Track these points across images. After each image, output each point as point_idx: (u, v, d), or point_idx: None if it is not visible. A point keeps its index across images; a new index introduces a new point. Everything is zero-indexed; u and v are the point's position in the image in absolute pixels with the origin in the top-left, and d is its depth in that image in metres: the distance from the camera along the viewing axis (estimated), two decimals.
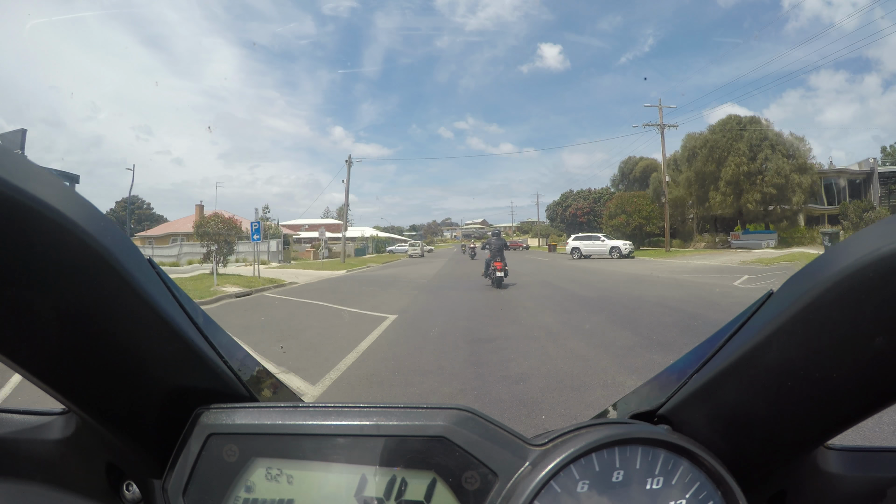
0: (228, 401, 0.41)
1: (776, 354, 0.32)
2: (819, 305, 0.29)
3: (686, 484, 0.37)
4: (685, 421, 0.40)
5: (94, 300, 0.31)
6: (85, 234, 0.29)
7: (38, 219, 0.27)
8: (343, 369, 4.38)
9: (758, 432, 0.36)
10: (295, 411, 0.39)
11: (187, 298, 0.41)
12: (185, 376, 0.39)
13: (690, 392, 0.39)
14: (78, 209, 0.29)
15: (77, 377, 0.35)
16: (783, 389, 0.33)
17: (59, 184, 0.30)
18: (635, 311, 7.18)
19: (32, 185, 0.27)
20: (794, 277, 0.32)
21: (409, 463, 0.37)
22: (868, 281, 0.26)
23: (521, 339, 5.47)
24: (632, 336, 5.40)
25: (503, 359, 4.61)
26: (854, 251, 0.27)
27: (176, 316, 0.37)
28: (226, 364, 0.42)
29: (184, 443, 0.39)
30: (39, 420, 0.45)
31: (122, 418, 0.38)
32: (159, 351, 0.37)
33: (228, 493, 0.38)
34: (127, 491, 0.43)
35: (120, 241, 0.32)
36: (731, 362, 0.35)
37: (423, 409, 0.38)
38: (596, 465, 0.36)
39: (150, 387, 0.38)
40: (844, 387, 0.31)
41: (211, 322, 0.44)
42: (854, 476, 0.41)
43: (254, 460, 0.38)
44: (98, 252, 0.30)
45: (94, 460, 0.43)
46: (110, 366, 0.35)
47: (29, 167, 0.28)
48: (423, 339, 5.71)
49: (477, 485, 0.36)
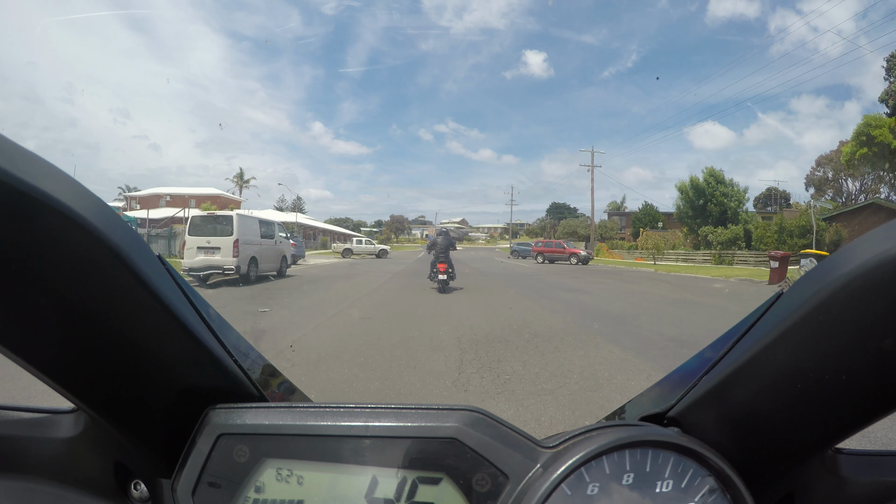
0: (239, 400, 0.41)
1: (785, 356, 0.32)
2: (828, 307, 0.29)
3: (695, 487, 0.37)
4: (694, 423, 0.40)
5: (103, 297, 0.31)
6: (95, 229, 0.29)
7: (48, 214, 0.27)
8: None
9: (767, 435, 0.36)
10: (306, 412, 0.39)
11: (198, 296, 0.41)
12: (195, 375, 0.39)
13: (700, 394, 0.39)
14: (87, 204, 0.29)
15: (86, 375, 0.35)
16: (793, 392, 0.33)
17: (68, 179, 0.29)
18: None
19: (42, 181, 0.27)
20: (804, 279, 0.32)
21: (420, 464, 0.37)
22: (877, 282, 0.26)
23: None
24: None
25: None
26: (863, 253, 0.27)
27: (186, 314, 0.37)
28: (236, 363, 0.42)
29: (193, 442, 0.39)
30: (48, 418, 0.45)
31: (131, 417, 0.38)
32: (169, 349, 0.37)
33: (238, 494, 0.38)
34: (135, 490, 0.43)
35: (129, 237, 0.32)
36: (741, 364, 0.35)
37: (434, 411, 0.38)
38: (606, 467, 0.36)
39: (160, 385, 0.38)
40: (854, 389, 0.30)
41: (222, 321, 0.44)
42: (862, 480, 0.41)
43: (264, 461, 0.38)
44: (108, 247, 0.30)
45: (102, 459, 0.43)
46: (119, 364, 0.35)
47: (38, 162, 0.28)
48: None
49: (488, 487, 0.36)
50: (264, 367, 0.51)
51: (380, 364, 4.08)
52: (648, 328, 6.07)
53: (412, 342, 5.02)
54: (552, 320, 6.64)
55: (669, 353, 4.64)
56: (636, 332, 5.72)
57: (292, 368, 3.91)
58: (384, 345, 4.83)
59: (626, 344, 5.03)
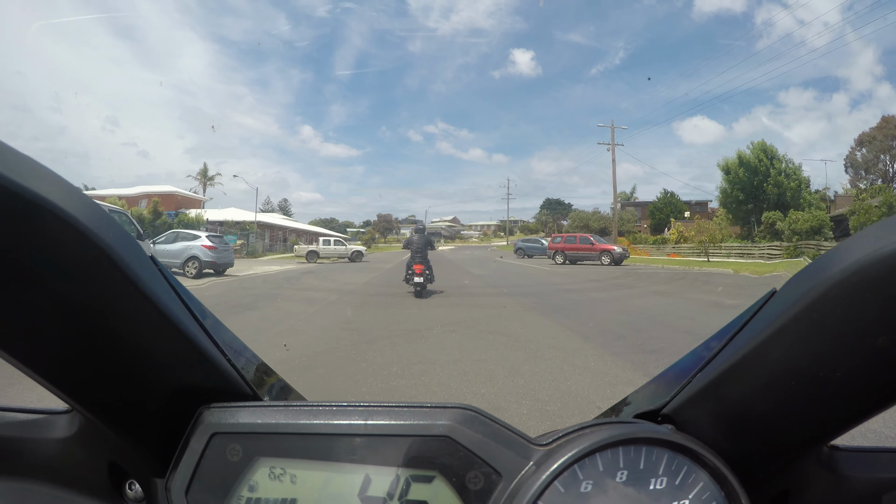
0: (232, 400, 0.41)
1: (779, 353, 0.32)
2: (822, 304, 0.29)
3: (689, 484, 0.37)
4: (688, 420, 0.40)
5: (96, 297, 0.31)
6: (87, 230, 0.29)
7: (41, 216, 0.27)
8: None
9: (761, 432, 0.36)
10: (299, 410, 0.39)
11: (191, 296, 0.41)
12: (189, 375, 0.39)
13: (694, 391, 0.39)
14: (80, 206, 0.29)
15: (79, 375, 0.35)
16: (787, 388, 0.33)
17: (61, 181, 0.29)
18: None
19: (36, 183, 0.27)
20: (798, 276, 0.32)
21: (413, 463, 0.37)
22: (871, 280, 0.26)
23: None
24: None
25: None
26: (857, 250, 0.27)
27: (179, 314, 0.37)
28: (230, 362, 0.42)
29: (187, 442, 0.39)
30: (42, 419, 0.45)
31: (125, 417, 0.38)
32: (163, 349, 0.37)
33: (231, 493, 0.38)
34: (129, 490, 0.43)
35: (122, 239, 0.32)
36: (735, 361, 0.35)
37: (426, 409, 0.38)
38: (600, 464, 0.36)
39: (154, 385, 0.38)
40: (848, 386, 0.31)
41: (215, 320, 0.44)
42: (857, 476, 0.41)
43: (257, 459, 0.38)
44: (100, 249, 0.30)
45: (96, 459, 0.43)
46: (113, 364, 0.35)
47: (32, 164, 0.28)
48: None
49: (481, 485, 0.36)
50: (258, 367, 0.51)
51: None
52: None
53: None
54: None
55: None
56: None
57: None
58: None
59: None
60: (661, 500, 0.36)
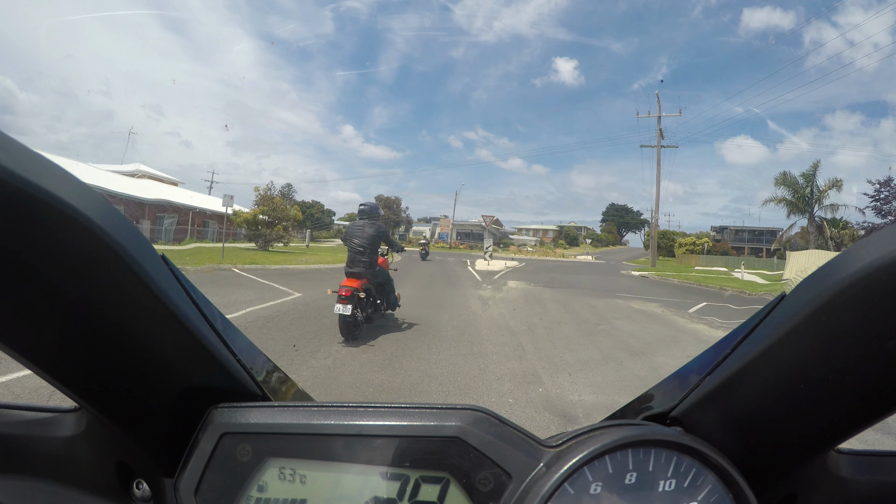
0: (242, 400, 0.41)
1: (788, 357, 0.32)
2: (831, 308, 0.29)
3: (698, 486, 0.37)
4: (697, 423, 0.40)
5: (105, 296, 0.31)
6: (98, 228, 0.29)
7: (52, 213, 0.27)
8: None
9: (769, 435, 0.36)
10: (309, 411, 0.39)
11: (201, 296, 0.41)
12: (198, 374, 0.39)
13: (703, 394, 0.39)
14: (91, 204, 0.29)
15: (88, 374, 0.35)
16: (795, 392, 0.33)
17: (72, 178, 0.29)
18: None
19: (46, 180, 0.27)
20: (807, 280, 0.32)
21: (423, 464, 0.37)
22: (880, 284, 0.27)
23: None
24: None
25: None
26: (866, 254, 0.28)
27: (189, 313, 0.36)
28: (239, 363, 0.41)
29: (196, 442, 0.39)
30: (50, 417, 0.45)
31: (134, 416, 0.38)
32: (172, 348, 0.36)
33: (241, 493, 0.38)
34: (137, 489, 0.43)
35: (133, 237, 0.32)
36: (744, 365, 0.35)
37: (437, 410, 0.38)
38: (609, 466, 0.36)
39: (162, 385, 0.38)
40: (856, 390, 0.31)
41: (225, 320, 0.44)
42: (864, 480, 0.41)
43: (267, 460, 0.38)
44: (110, 247, 0.30)
45: (104, 458, 0.42)
46: (122, 363, 0.35)
47: (42, 162, 0.28)
48: None
49: (491, 486, 0.36)
50: (267, 367, 0.50)
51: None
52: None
53: None
54: None
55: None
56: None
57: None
58: None
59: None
60: (669, 501, 0.36)
